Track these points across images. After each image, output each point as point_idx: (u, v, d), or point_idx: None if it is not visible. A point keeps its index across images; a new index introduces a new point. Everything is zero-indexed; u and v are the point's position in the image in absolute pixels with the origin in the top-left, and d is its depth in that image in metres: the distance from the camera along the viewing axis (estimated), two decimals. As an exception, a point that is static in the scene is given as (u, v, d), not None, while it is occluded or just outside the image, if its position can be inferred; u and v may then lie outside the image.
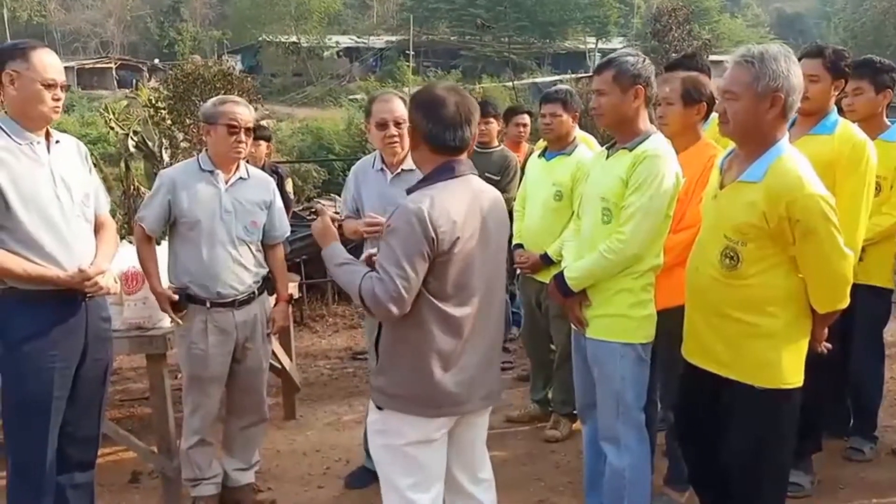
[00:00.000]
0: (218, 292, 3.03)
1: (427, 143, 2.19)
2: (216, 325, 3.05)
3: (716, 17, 36.79)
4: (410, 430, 2.19)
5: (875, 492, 3.17)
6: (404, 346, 2.17)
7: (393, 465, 2.22)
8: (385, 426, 2.23)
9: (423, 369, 2.15)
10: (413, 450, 2.20)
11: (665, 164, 2.53)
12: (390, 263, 2.07)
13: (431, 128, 2.16)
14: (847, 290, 2.31)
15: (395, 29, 43.48)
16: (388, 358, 2.20)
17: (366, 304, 2.11)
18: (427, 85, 2.37)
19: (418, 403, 2.18)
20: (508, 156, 4.87)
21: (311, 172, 14.65)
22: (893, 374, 4.23)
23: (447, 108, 2.15)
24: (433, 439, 2.22)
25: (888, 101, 3.37)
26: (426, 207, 2.07)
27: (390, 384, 2.19)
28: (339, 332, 6.21)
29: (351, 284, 2.15)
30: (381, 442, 2.25)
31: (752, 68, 2.23)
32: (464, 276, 2.16)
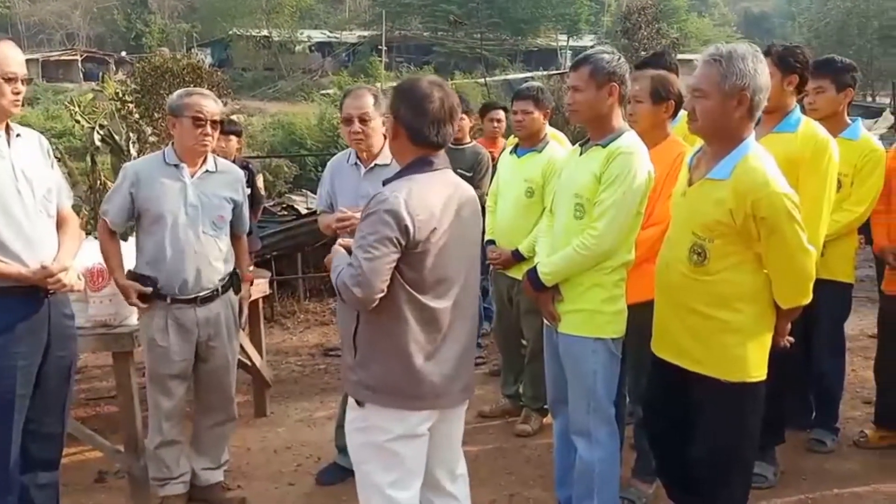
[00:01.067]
0: (180, 288, 2.98)
1: (408, 136, 2.19)
2: (177, 321, 3.01)
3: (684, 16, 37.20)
4: (395, 425, 2.18)
5: (837, 482, 3.24)
6: (385, 338, 2.16)
7: (373, 462, 2.21)
8: (366, 423, 2.21)
9: (405, 360, 2.15)
10: (396, 446, 2.19)
11: (638, 161, 2.56)
12: (359, 249, 2.07)
13: (415, 121, 2.16)
14: (810, 286, 2.36)
15: (368, 24, 43.25)
16: (368, 351, 2.18)
17: (338, 292, 2.11)
18: (411, 77, 2.36)
19: (402, 395, 2.17)
20: (480, 152, 4.89)
21: (282, 168, 14.56)
22: (854, 367, 4.32)
23: (433, 104, 2.15)
24: (417, 434, 2.21)
25: (849, 100, 3.44)
26: (402, 196, 2.08)
27: (372, 377, 2.17)
28: (310, 328, 6.18)
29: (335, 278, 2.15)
30: (361, 440, 2.23)
31: (721, 67, 2.27)
32: (442, 268, 2.16)
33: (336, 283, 2.12)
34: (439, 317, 2.18)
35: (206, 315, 3.06)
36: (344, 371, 2.30)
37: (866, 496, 3.13)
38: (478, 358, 5.07)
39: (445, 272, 2.18)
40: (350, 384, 2.24)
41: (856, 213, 3.30)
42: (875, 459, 3.43)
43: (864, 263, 5.51)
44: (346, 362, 2.26)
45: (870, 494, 3.14)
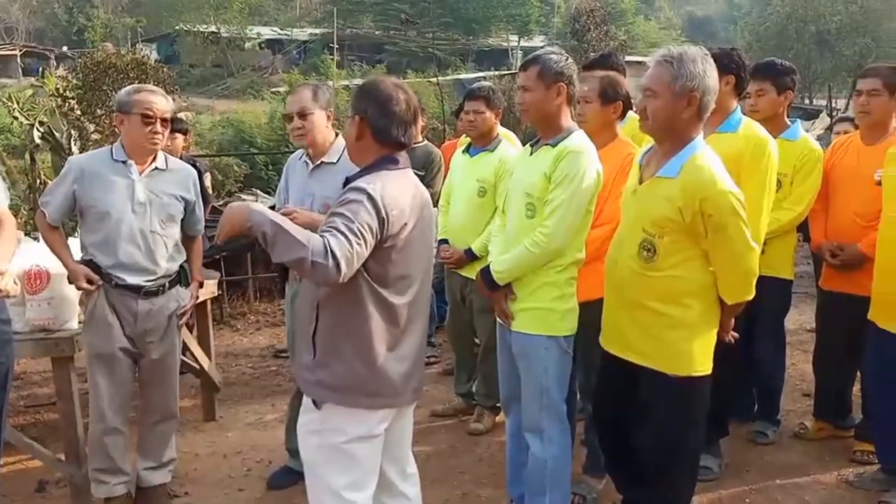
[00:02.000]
0: (123, 278, 2.93)
1: (374, 136, 2.20)
2: (120, 305, 2.95)
3: (631, 18, 37.88)
4: (352, 426, 2.17)
5: (779, 473, 3.33)
6: (347, 335, 2.14)
7: (329, 464, 2.19)
8: (322, 425, 2.18)
9: (368, 358, 2.15)
10: (353, 447, 2.18)
11: (587, 160, 2.60)
12: (345, 227, 2.00)
13: (382, 122, 2.18)
14: (753, 282, 2.43)
15: (319, 21, 42.81)
16: (329, 349, 2.15)
17: (311, 261, 1.93)
18: (375, 78, 2.35)
19: (364, 394, 2.16)
20: (432, 151, 4.88)
21: (231, 167, 14.26)
22: (794, 361, 4.45)
23: (399, 105, 2.19)
24: (375, 435, 2.21)
25: (789, 102, 3.54)
26: (378, 189, 2.08)
27: (333, 376, 2.15)
28: (260, 329, 6.09)
29: (295, 240, 1.95)
30: (316, 442, 2.20)
31: (671, 68, 2.32)
32: (405, 265, 2.18)
33: (311, 249, 1.93)
34: (399, 313, 2.19)
35: (149, 308, 3.00)
36: (299, 372, 2.25)
37: (806, 486, 3.23)
38: (431, 357, 5.09)
39: (408, 269, 2.20)
40: (308, 385, 2.20)
41: (795, 212, 3.40)
42: (814, 450, 3.54)
43: (803, 260, 5.69)
44: (304, 362, 2.22)
45: (810, 485, 3.24)
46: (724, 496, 3.15)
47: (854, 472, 3.30)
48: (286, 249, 1.96)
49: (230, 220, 2.04)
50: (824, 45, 23.80)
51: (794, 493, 3.17)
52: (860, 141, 3.45)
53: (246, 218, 2.01)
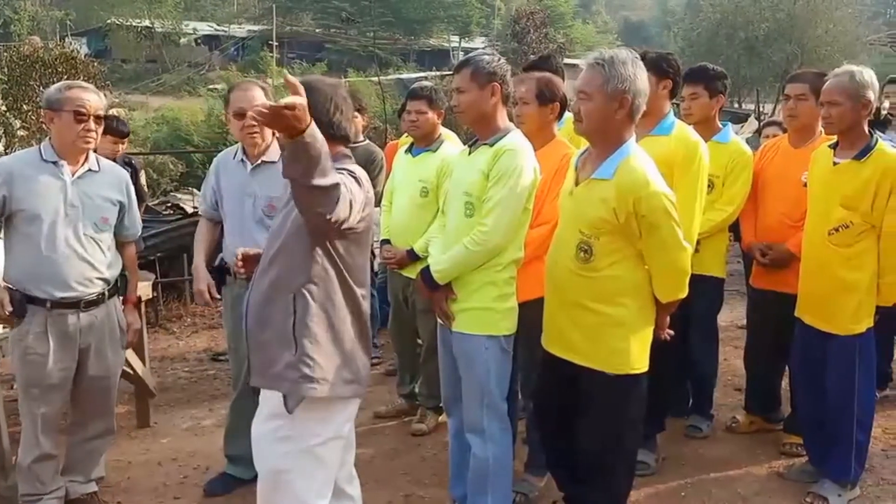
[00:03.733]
0: (61, 294, 2.80)
1: (324, 132, 2.14)
2: (57, 328, 2.82)
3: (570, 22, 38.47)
4: (323, 428, 2.16)
5: (713, 467, 3.42)
6: (324, 325, 2.15)
7: (300, 471, 2.15)
8: (293, 430, 2.15)
9: (343, 347, 2.18)
10: (322, 450, 2.17)
11: (523, 159, 2.63)
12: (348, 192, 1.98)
13: (332, 116, 2.17)
14: (686, 281, 2.50)
15: (258, 18, 42.12)
16: (311, 341, 2.12)
17: (334, 205, 1.90)
18: (314, 76, 2.34)
19: (344, 382, 2.17)
20: (374, 151, 4.86)
21: (167, 165, 13.90)
22: (726, 357, 4.58)
23: (341, 98, 2.21)
24: (342, 436, 2.23)
25: (720, 106, 3.64)
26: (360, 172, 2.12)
27: (318, 368, 2.12)
28: (198, 332, 5.94)
29: (332, 176, 1.89)
30: (286, 448, 2.16)
31: (603, 71, 2.36)
32: (362, 255, 2.23)
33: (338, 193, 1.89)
34: (362, 304, 2.23)
35: (90, 321, 2.89)
36: (275, 373, 2.15)
37: (738, 479, 3.33)
38: (373, 358, 5.04)
39: (364, 259, 2.25)
40: (291, 383, 2.13)
41: (727, 212, 3.50)
42: (746, 443, 3.65)
43: (734, 259, 5.88)
44: (284, 361, 2.13)
45: (742, 477, 3.34)
46: (661, 490, 3.22)
47: (784, 464, 3.42)
48: (325, 175, 1.85)
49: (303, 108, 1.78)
50: (753, 52, 24.63)
51: (727, 486, 3.26)
52: (788, 144, 3.57)
53: (307, 120, 1.80)
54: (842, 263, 2.98)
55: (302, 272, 2.13)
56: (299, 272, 2.13)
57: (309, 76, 2.32)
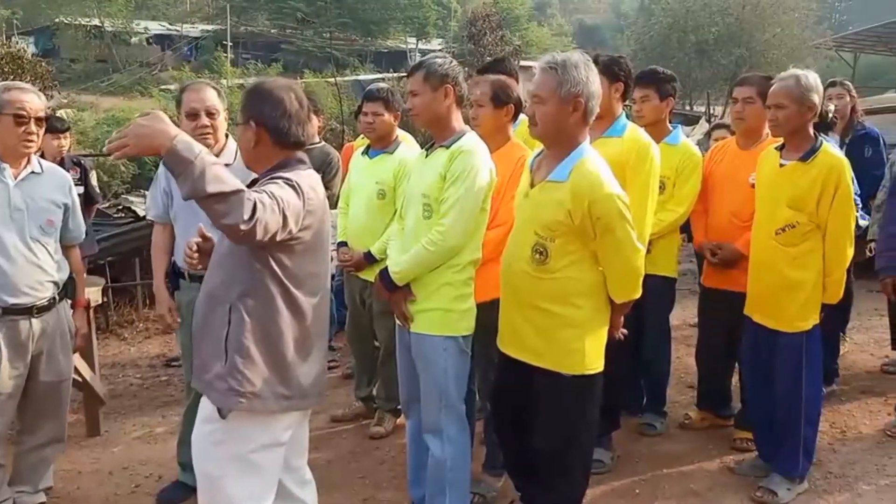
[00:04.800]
0: (13, 300, 2.72)
1: (273, 140, 2.15)
2: (10, 335, 2.74)
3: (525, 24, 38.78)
4: (259, 434, 2.11)
5: (666, 463, 3.48)
6: (260, 338, 2.09)
7: (233, 476, 2.11)
8: (227, 435, 2.10)
9: (280, 361, 2.11)
10: (258, 456, 2.12)
11: (479, 159, 2.65)
12: (272, 196, 1.93)
13: (281, 124, 2.13)
14: (640, 281, 2.53)
15: (212, 18, 41.45)
16: (243, 354, 2.07)
17: (242, 212, 1.82)
18: (262, 80, 2.28)
19: (276, 397, 2.11)
20: (330, 153, 4.82)
21: (118, 166, 13.58)
22: (679, 355, 4.67)
23: (293, 104, 2.16)
24: (280, 442, 2.17)
25: (671, 108, 3.71)
26: (297, 181, 2.06)
27: (246, 382, 2.06)
28: (150, 338, 5.82)
29: (229, 181, 1.82)
30: (219, 453, 2.12)
31: (556, 74, 2.38)
32: (314, 263, 2.18)
33: (243, 199, 1.81)
34: (309, 313, 2.17)
35: (42, 326, 2.83)
36: (209, 381, 2.12)
37: (691, 474, 3.39)
38: (331, 362, 5.02)
39: (317, 268, 2.20)
40: (218, 394, 2.10)
41: (678, 213, 3.56)
42: (699, 439, 3.72)
43: (686, 259, 6.00)
44: (215, 372, 2.10)
45: (694, 472, 3.41)
46: (616, 487, 3.26)
47: (735, 459, 3.49)
48: (218, 180, 1.79)
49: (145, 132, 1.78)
50: (703, 55, 25.17)
51: (679, 482, 3.32)
52: (736, 146, 3.66)
53: (170, 135, 1.78)
54: (788, 262, 3.06)
55: (238, 284, 2.08)
56: (236, 284, 2.08)
57: (261, 80, 2.28)
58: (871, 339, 5.29)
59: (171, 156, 1.78)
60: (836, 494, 3.20)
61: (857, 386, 4.42)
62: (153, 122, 1.80)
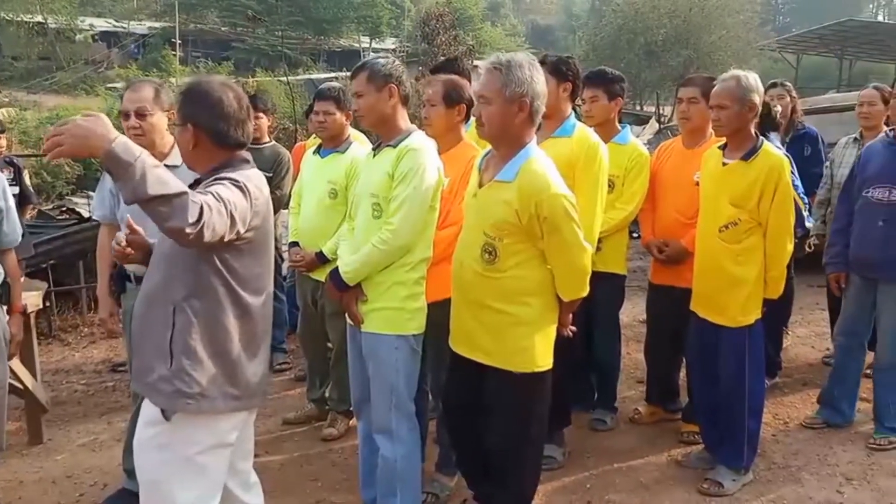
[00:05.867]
0: None
1: (212, 141, 2.12)
2: None
3: (479, 24, 38.89)
4: (205, 435, 2.08)
5: (616, 457, 3.54)
6: (205, 338, 2.05)
7: (177, 480, 2.07)
8: (171, 438, 2.06)
9: (226, 360, 2.09)
10: (204, 458, 2.09)
11: (426, 157, 2.66)
12: (218, 196, 1.90)
13: (218, 125, 2.10)
14: (587, 280, 2.57)
15: (160, 15, 40.51)
16: (188, 355, 2.03)
17: (187, 215, 1.79)
18: (197, 79, 2.23)
19: (223, 397, 2.08)
20: (280, 152, 4.79)
21: (62, 167, 13.20)
22: (629, 351, 4.75)
23: (231, 104, 2.12)
24: (227, 443, 2.14)
25: (619, 108, 3.77)
26: (244, 180, 2.03)
27: (193, 383, 2.03)
28: (95, 343, 5.65)
29: (172, 184, 1.79)
30: (163, 457, 2.07)
31: (501, 75, 2.40)
32: (259, 263, 2.16)
33: (188, 201, 1.79)
34: (255, 314, 2.15)
35: None
36: (153, 384, 2.07)
37: (640, 468, 3.45)
38: (283, 364, 4.97)
39: (263, 269, 2.18)
40: (163, 397, 2.05)
41: (626, 211, 3.62)
42: (648, 434, 3.79)
43: (636, 256, 6.11)
44: (158, 373, 2.05)
45: (643, 466, 3.47)
46: (567, 483, 3.30)
47: (683, 451, 3.57)
48: (160, 183, 1.76)
49: (82, 132, 1.74)
50: (652, 56, 25.61)
51: (629, 475, 3.38)
52: (681, 145, 3.74)
53: (109, 137, 1.74)
54: (731, 259, 3.14)
55: (183, 286, 2.05)
56: (181, 285, 2.05)
57: (196, 79, 2.24)
58: (812, 332, 5.47)
59: (110, 159, 1.74)
60: (779, 484, 3.30)
61: (800, 378, 4.57)
62: (92, 124, 1.75)
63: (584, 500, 3.17)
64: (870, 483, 3.29)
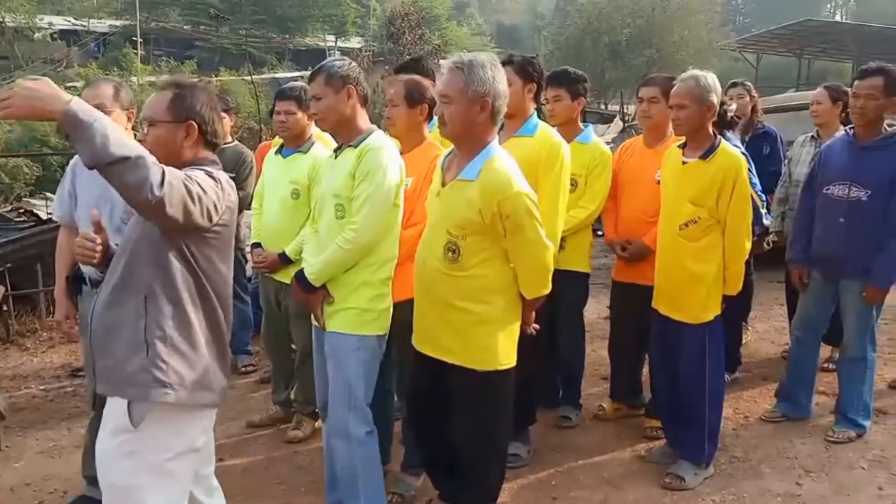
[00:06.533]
0: None
1: (204, 137, 2.14)
2: None
3: (444, 24, 38.87)
4: (174, 441, 2.05)
5: (581, 454, 3.56)
6: (178, 328, 2.04)
7: (149, 487, 2.03)
8: (139, 445, 2.02)
9: (201, 353, 2.08)
10: (173, 464, 2.06)
11: (388, 156, 2.66)
12: (190, 182, 1.92)
13: (213, 123, 2.15)
14: (549, 278, 2.59)
15: (120, 13, 39.75)
16: (163, 343, 2.01)
17: (150, 176, 1.79)
18: (190, 81, 2.23)
19: (201, 388, 2.07)
20: (243, 152, 4.75)
21: (21, 168, 12.91)
22: (594, 348, 4.78)
23: (216, 104, 2.18)
24: (195, 448, 2.12)
25: (582, 107, 3.80)
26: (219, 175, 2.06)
27: (172, 371, 2.01)
28: (54, 347, 5.53)
29: (134, 146, 1.79)
30: (132, 464, 2.03)
31: (463, 74, 2.41)
32: (225, 262, 2.16)
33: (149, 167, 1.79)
34: (219, 311, 2.15)
35: None
36: (125, 377, 2.02)
37: (604, 464, 3.48)
38: (248, 366, 4.91)
39: (226, 268, 2.18)
40: (140, 388, 2.00)
41: (589, 210, 3.65)
42: (612, 430, 3.83)
43: (600, 254, 6.16)
44: (134, 364, 2.00)
45: (608, 462, 3.50)
46: (533, 481, 3.32)
47: (646, 447, 3.61)
48: (121, 144, 1.74)
49: (37, 94, 1.69)
50: (616, 55, 25.90)
51: (594, 472, 3.41)
52: (643, 144, 3.78)
53: (62, 98, 1.71)
54: (691, 256, 3.19)
55: (153, 274, 2.03)
56: (150, 273, 2.03)
57: (184, 79, 2.24)
58: (772, 327, 5.57)
59: (68, 119, 1.71)
60: (739, 478, 3.35)
61: (759, 373, 4.65)
62: (39, 86, 1.71)
63: (550, 497, 3.20)
64: (828, 475, 3.37)
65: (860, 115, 3.55)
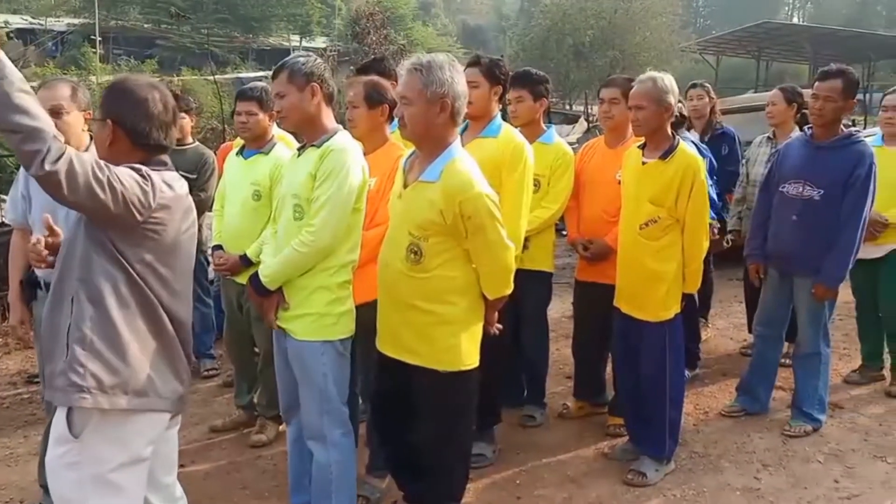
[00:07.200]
0: None
1: (131, 140, 2.07)
2: None
3: (410, 24, 38.82)
4: (116, 452, 1.99)
5: (546, 453, 3.59)
6: (104, 330, 1.97)
7: (92, 500, 1.97)
8: (81, 456, 1.97)
9: (130, 356, 2.00)
10: (118, 476, 1.99)
11: (350, 158, 2.61)
12: (102, 169, 1.88)
13: (140, 125, 2.06)
14: (510, 278, 2.60)
15: (78, 11, 38.93)
16: (85, 344, 1.95)
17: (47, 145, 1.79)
18: (125, 77, 2.18)
19: (124, 392, 1.98)
20: (204, 153, 4.69)
21: (-27, 169, 12.56)
22: (558, 347, 4.82)
23: (156, 105, 2.09)
24: (142, 458, 2.05)
25: (544, 108, 3.83)
26: (149, 172, 2.01)
27: (89, 375, 1.94)
28: (9, 353, 5.38)
29: (40, 117, 1.80)
30: (74, 476, 1.97)
31: (422, 76, 2.41)
32: (175, 263, 2.11)
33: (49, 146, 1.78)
34: (162, 313, 2.08)
35: None
36: (51, 382, 1.99)
37: (569, 462, 3.52)
38: (211, 369, 4.85)
39: (184, 273, 2.14)
40: (59, 393, 1.95)
41: (552, 210, 3.67)
42: (576, 428, 3.87)
43: (564, 253, 6.21)
44: (57, 368, 1.96)
45: (571, 460, 3.54)
46: (497, 480, 3.34)
47: (609, 444, 3.65)
48: (22, 112, 1.76)
49: None
50: (580, 56, 26.10)
51: (558, 470, 3.44)
52: (604, 145, 3.83)
53: None
54: (651, 255, 3.23)
55: (77, 275, 1.99)
56: (75, 274, 1.99)
57: (125, 76, 2.19)
58: (731, 324, 5.68)
59: None
60: (700, 473, 3.41)
61: (719, 369, 4.73)
62: None
63: (514, 496, 3.21)
64: (785, 469, 3.44)
65: (818, 115, 3.62)
